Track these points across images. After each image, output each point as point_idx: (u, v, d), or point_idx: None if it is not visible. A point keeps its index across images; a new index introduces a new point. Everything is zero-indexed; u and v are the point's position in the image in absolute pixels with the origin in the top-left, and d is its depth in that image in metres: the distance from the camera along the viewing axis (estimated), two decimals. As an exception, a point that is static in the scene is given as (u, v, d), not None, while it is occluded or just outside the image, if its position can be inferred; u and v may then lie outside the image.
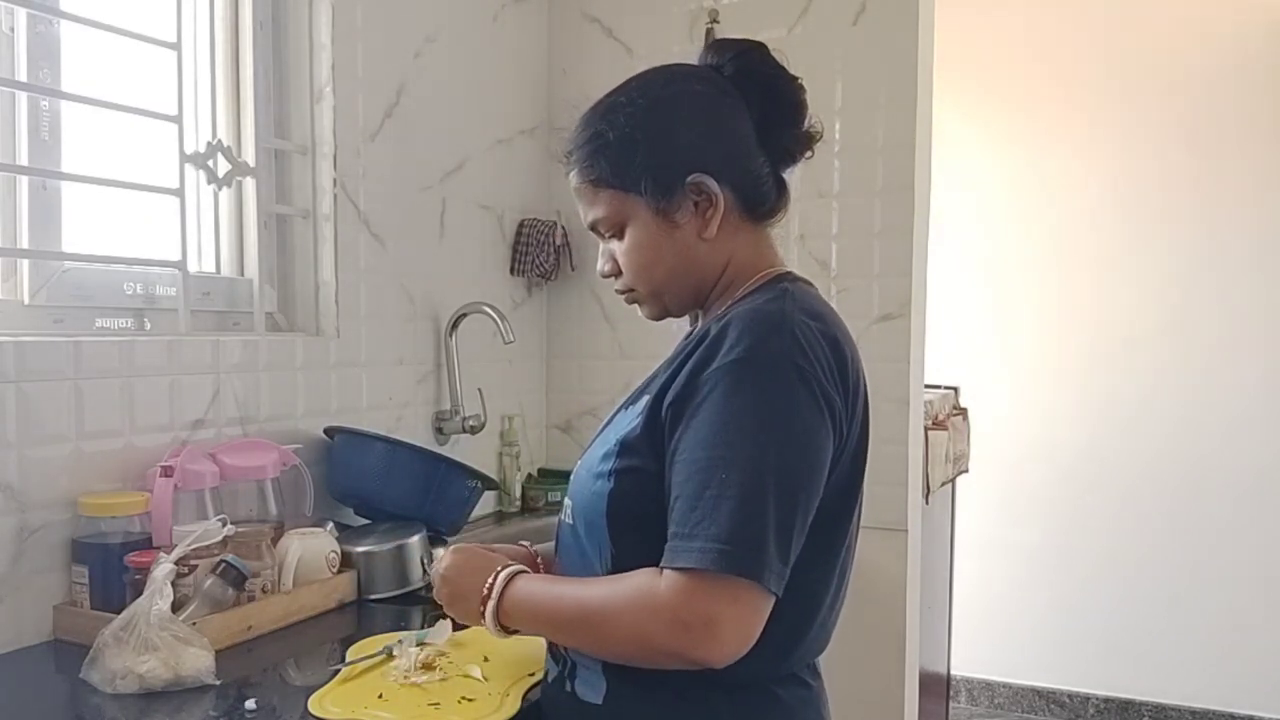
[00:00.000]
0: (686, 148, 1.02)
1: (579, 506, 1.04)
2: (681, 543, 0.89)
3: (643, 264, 1.05)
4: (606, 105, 1.06)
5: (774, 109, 1.05)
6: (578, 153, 1.06)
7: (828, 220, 2.12)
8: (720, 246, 1.05)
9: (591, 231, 1.10)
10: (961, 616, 3.18)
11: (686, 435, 0.93)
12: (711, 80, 1.05)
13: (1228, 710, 3.33)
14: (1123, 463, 3.43)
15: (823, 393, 0.93)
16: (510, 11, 2.25)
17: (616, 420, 1.06)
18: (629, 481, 0.98)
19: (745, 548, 0.87)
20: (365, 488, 1.69)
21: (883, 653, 2.06)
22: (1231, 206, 3.29)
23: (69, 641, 1.30)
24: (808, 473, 0.93)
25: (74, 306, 1.49)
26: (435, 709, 1.08)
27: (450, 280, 2.09)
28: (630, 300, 1.11)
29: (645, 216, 1.03)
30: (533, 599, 1.01)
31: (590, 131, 1.05)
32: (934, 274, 2.21)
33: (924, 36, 2.06)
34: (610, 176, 1.03)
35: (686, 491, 0.91)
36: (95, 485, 1.37)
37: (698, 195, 1.02)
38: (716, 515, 0.88)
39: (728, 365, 0.92)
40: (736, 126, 1.04)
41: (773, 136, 1.05)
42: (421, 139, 1.99)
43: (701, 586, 0.87)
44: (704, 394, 0.93)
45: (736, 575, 0.87)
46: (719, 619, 0.87)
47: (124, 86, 1.55)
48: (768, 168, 1.06)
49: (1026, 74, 3.51)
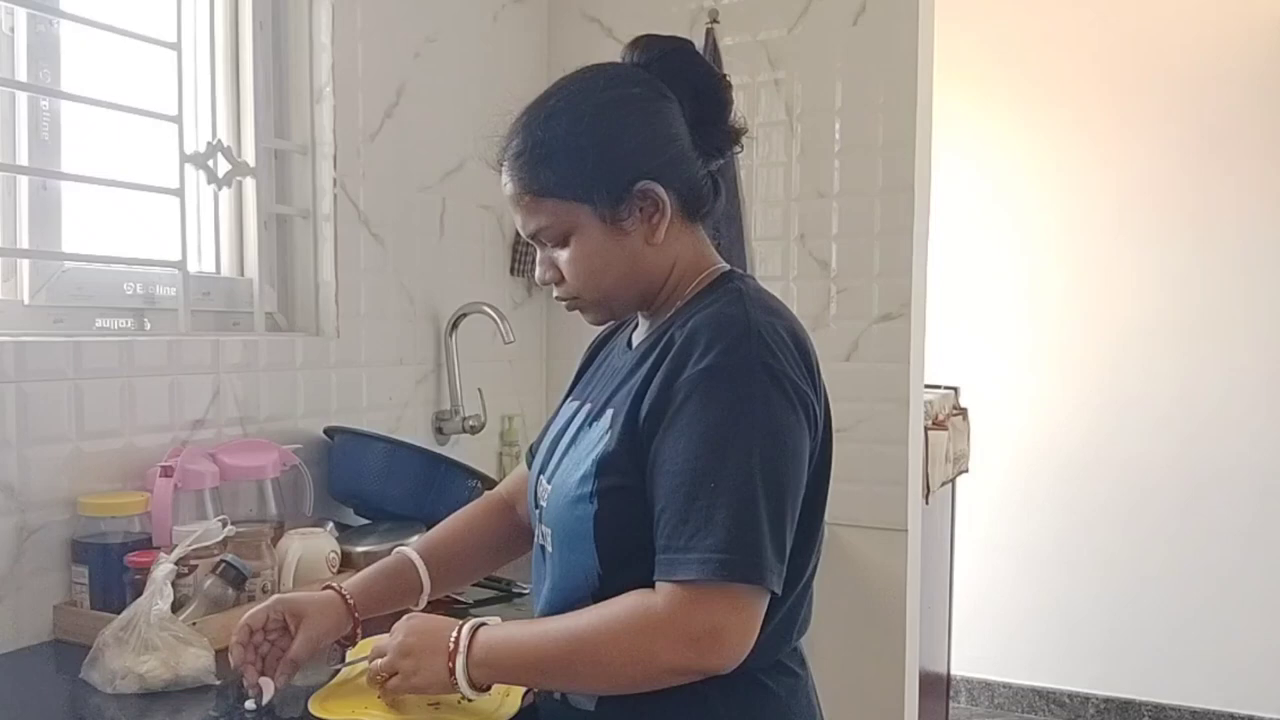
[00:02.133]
0: (632, 154, 1.00)
1: (560, 533, 1.02)
2: (677, 555, 0.89)
3: (590, 272, 1.03)
4: (545, 111, 1.03)
5: (704, 107, 1.04)
6: (515, 161, 1.02)
7: (828, 220, 2.12)
8: (666, 250, 1.04)
9: (531, 241, 1.07)
10: (961, 616, 3.18)
11: (665, 447, 0.93)
12: (646, 82, 1.04)
13: (1228, 710, 3.33)
14: (1123, 463, 3.43)
15: (795, 390, 0.94)
16: (510, 11, 2.25)
17: (582, 439, 1.03)
18: (613, 501, 0.97)
19: (744, 554, 0.87)
20: (365, 488, 1.69)
21: (883, 653, 2.06)
22: (1233, 206, 3.29)
23: (69, 641, 1.30)
24: (792, 471, 0.93)
25: (74, 306, 1.48)
26: (435, 709, 1.08)
27: (450, 280, 2.09)
28: (572, 307, 1.08)
29: (592, 225, 1.01)
30: (510, 643, 0.97)
31: (530, 140, 1.02)
32: (934, 274, 2.22)
33: (924, 36, 2.06)
34: (555, 186, 1.00)
35: (674, 503, 0.90)
36: (95, 485, 1.37)
37: (645, 202, 1.01)
38: (711, 525, 0.88)
39: (699, 373, 0.92)
40: (675, 129, 1.02)
41: (704, 135, 1.04)
42: (421, 139, 1.99)
43: (704, 598, 0.87)
44: (678, 403, 0.93)
45: (740, 582, 0.87)
46: (724, 627, 0.87)
47: (124, 86, 1.55)
48: (703, 167, 1.05)
49: (1027, 74, 3.51)
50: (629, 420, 0.97)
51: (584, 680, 0.97)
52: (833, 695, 1.11)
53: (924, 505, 2.25)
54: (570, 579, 1.01)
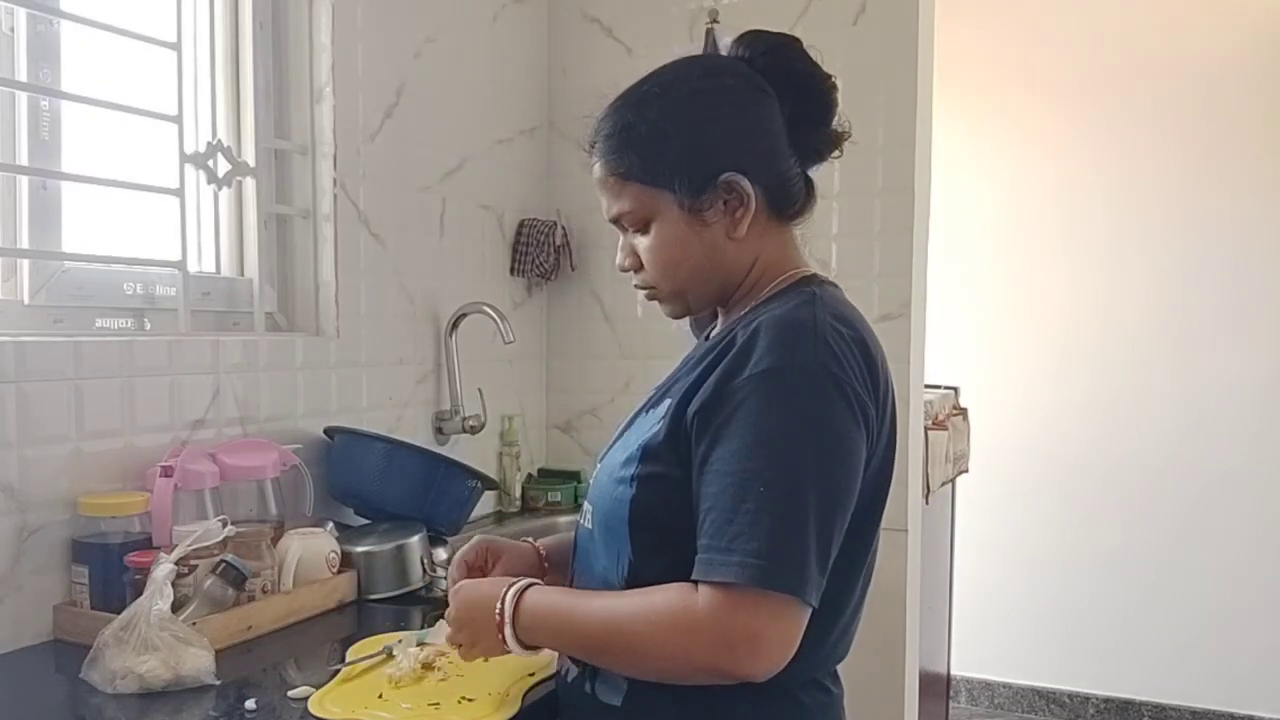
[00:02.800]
0: (720, 145, 0.99)
1: (599, 512, 1.02)
2: (718, 556, 0.87)
3: (668, 261, 1.02)
4: (638, 96, 1.02)
5: (805, 106, 1.03)
6: (604, 144, 1.02)
7: (828, 220, 2.12)
8: (747, 246, 1.02)
9: (613, 224, 1.06)
10: (961, 616, 3.18)
11: (719, 446, 0.91)
12: (744, 75, 1.02)
13: (1228, 710, 3.33)
14: (1123, 462, 3.43)
15: (857, 400, 0.92)
16: (510, 11, 2.25)
17: (637, 423, 1.03)
18: (651, 488, 0.96)
19: (786, 563, 0.85)
20: (365, 488, 1.69)
21: (883, 653, 2.06)
22: (1232, 206, 3.29)
23: (69, 641, 1.30)
24: (845, 483, 0.91)
25: (74, 306, 1.48)
26: (435, 709, 1.08)
27: (450, 280, 2.09)
28: (651, 297, 1.08)
29: (673, 213, 1.00)
30: (553, 613, 0.98)
31: (620, 123, 1.01)
32: (934, 274, 2.21)
33: (924, 36, 2.06)
34: (640, 171, 1.00)
35: (721, 504, 0.88)
36: (95, 485, 1.37)
37: (729, 194, 1.00)
38: (756, 530, 0.86)
39: (760, 375, 0.90)
40: (769, 124, 1.01)
41: (802, 134, 1.03)
42: (421, 139, 1.99)
43: (743, 603, 0.85)
44: (735, 404, 0.91)
45: (778, 591, 0.85)
46: (762, 635, 0.85)
47: (124, 86, 1.55)
48: (797, 167, 1.03)
49: (1027, 73, 3.51)
50: (678, 411, 0.96)
51: (619, 664, 0.97)
52: (832, 695, 1.11)
53: (924, 505, 2.25)
54: (603, 559, 1.01)
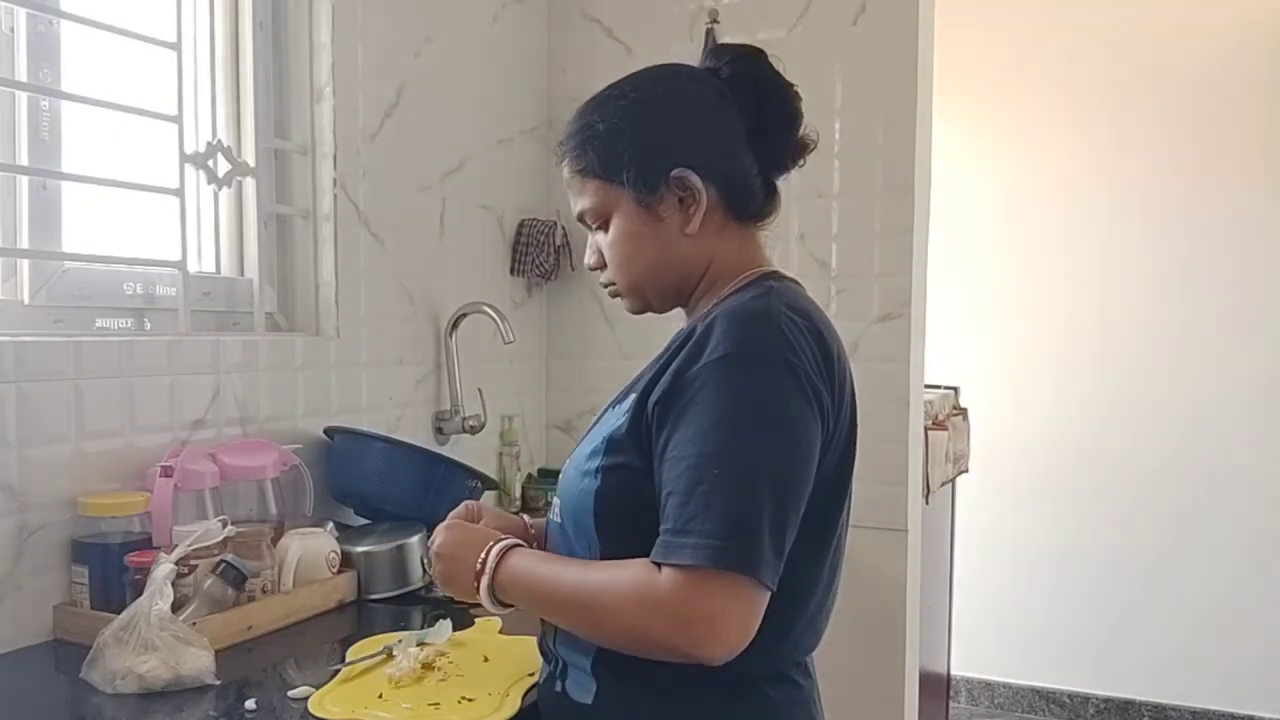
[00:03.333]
0: (672, 141, 1.03)
1: (567, 505, 1.05)
2: (675, 538, 0.89)
3: (625, 256, 1.06)
4: (601, 98, 1.08)
5: (768, 114, 1.06)
6: (568, 143, 1.08)
7: (828, 220, 2.12)
8: (703, 244, 1.05)
9: (579, 222, 1.11)
10: (961, 616, 3.18)
11: (676, 433, 0.93)
12: (706, 81, 1.07)
13: (1228, 710, 3.33)
14: (1123, 462, 3.43)
15: (810, 386, 0.94)
16: (510, 11, 2.25)
17: (605, 418, 1.06)
18: (615, 479, 0.98)
19: (740, 543, 0.87)
20: (365, 488, 1.69)
21: (883, 653, 2.06)
22: (1233, 206, 3.29)
23: (69, 641, 1.30)
24: (799, 466, 0.93)
25: (74, 306, 1.49)
26: (435, 709, 1.08)
27: (450, 280, 2.09)
28: (613, 294, 1.12)
29: (629, 208, 1.04)
30: (529, 576, 1.00)
31: (582, 123, 1.07)
32: (934, 274, 2.21)
33: (924, 36, 2.06)
34: (596, 167, 1.05)
35: (679, 488, 0.91)
36: (95, 485, 1.37)
37: (681, 190, 1.03)
38: (710, 512, 0.88)
39: (715, 362, 0.93)
40: (726, 126, 1.05)
41: (764, 141, 1.06)
42: (421, 139, 1.99)
43: (701, 584, 0.87)
44: (692, 392, 0.93)
45: (733, 571, 0.87)
46: (720, 616, 0.87)
47: (124, 86, 1.55)
48: (756, 170, 1.06)
49: (1027, 74, 3.51)
50: (640, 403, 0.98)
51: (585, 633, 0.98)
52: (833, 695, 1.11)
53: (924, 505, 2.25)
54: (571, 553, 1.03)
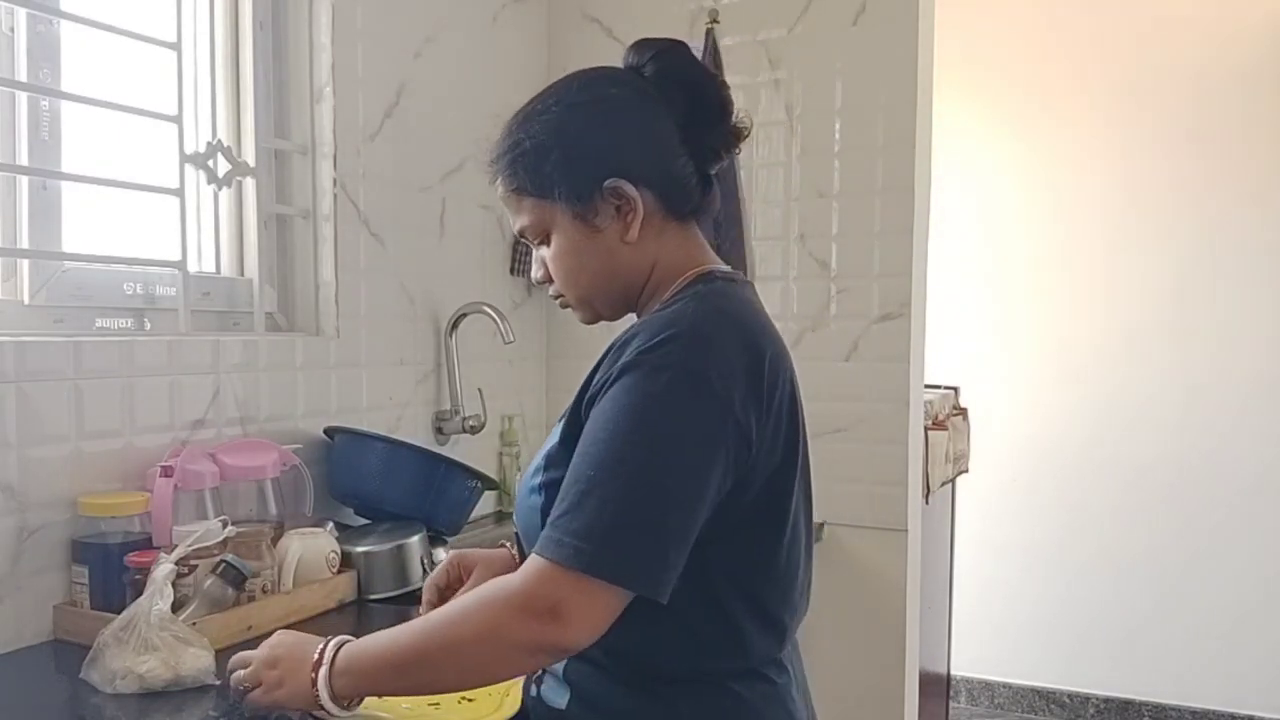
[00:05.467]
0: (601, 152, 1.01)
1: (520, 524, 1.05)
2: (547, 533, 0.90)
3: (568, 269, 1.05)
4: (525, 113, 1.06)
5: (696, 108, 1.04)
6: (499, 161, 1.06)
7: (828, 220, 2.12)
8: (644, 249, 1.03)
9: (521, 239, 1.10)
10: (961, 616, 3.18)
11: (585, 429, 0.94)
12: (629, 83, 1.05)
13: (1228, 710, 3.33)
14: (1123, 462, 3.43)
15: (715, 396, 0.91)
16: (510, 11, 2.25)
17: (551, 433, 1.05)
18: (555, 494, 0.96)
19: (600, 546, 0.87)
20: (365, 488, 1.69)
21: (883, 653, 2.06)
22: (1234, 206, 3.29)
23: (69, 641, 1.30)
24: (683, 476, 0.90)
25: (74, 306, 1.48)
26: (435, 709, 1.08)
27: (450, 280, 2.09)
28: (563, 305, 1.10)
29: (566, 223, 1.03)
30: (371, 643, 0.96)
31: (510, 141, 1.05)
32: (934, 274, 2.21)
33: (924, 36, 2.06)
34: (529, 185, 1.03)
35: (566, 484, 0.91)
36: (95, 485, 1.37)
37: (617, 199, 1.01)
38: (578, 512, 0.88)
39: (620, 368, 0.93)
40: (654, 127, 1.03)
41: (696, 135, 1.04)
42: (421, 139, 1.99)
43: (551, 574, 0.88)
44: (601, 397, 0.94)
45: (587, 574, 0.87)
46: (564, 605, 0.87)
47: (124, 86, 1.55)
48: (691, 167, 1.04)
49: (1028, 73, 3.51)
50: (573, 415, 0.98)
51: (441, 670, 0.93)
52: (833, 695, 1.11)
53: (924, 505, 2.25)
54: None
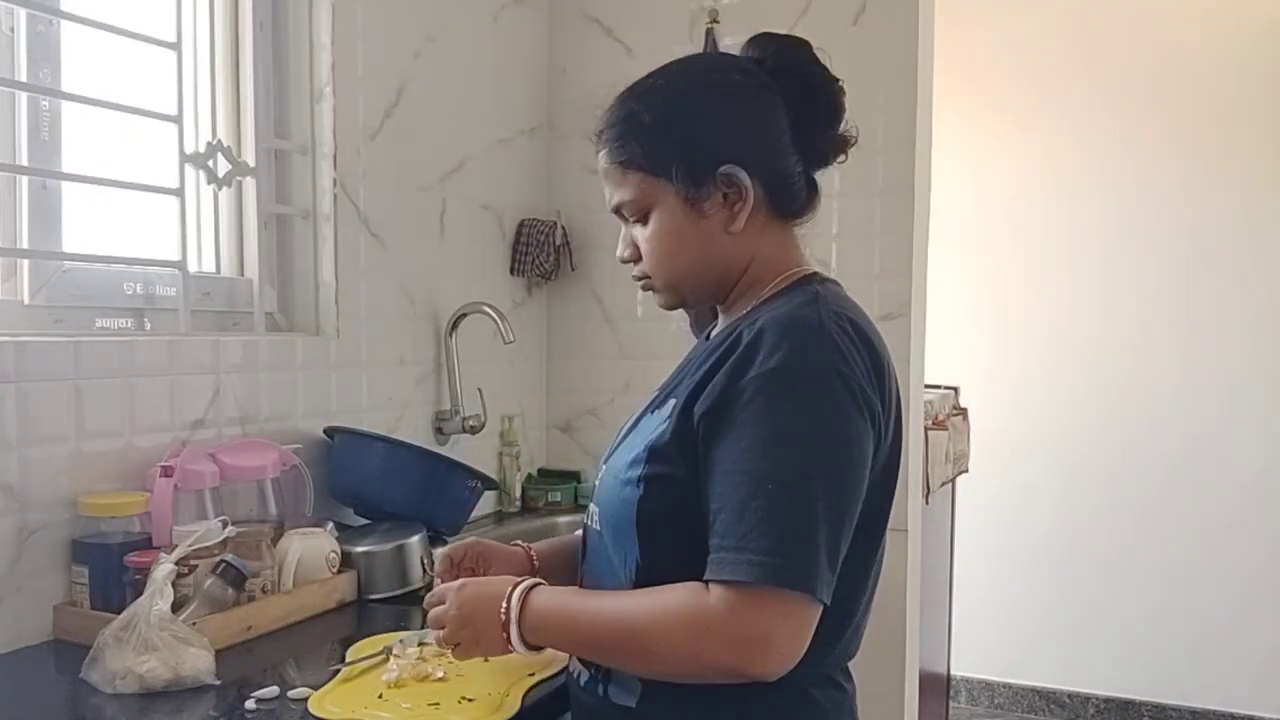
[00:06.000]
0: (721, 137, 1.00)
1: (606, 514, 1.02)
2: (729, 555, 0.87)
3: (665, 252, 1.03)
4: (644, 87, 1.04)
5: (811, 108, 1.03)
6: (609, 132, 1.04)
7: (828, 220, 2.12)
8: (745, 242, 1.03)
9: (615, 214, 1.07)
10: (961, 616, 3.18)
11: (727, 446, 0.91)
12: (751, 72, 1.04)
13: (1228, 710, 3.33)
14: (1123, 462, 3.43)
15: (864, 398, 0.92)
16: (510, 11, 2.25)
17: (642, 424, 1.04)
18: (659, 488, 0.96)
19: (796, 560, 0.86)
20: (365, 488, 1.69)
21: (883, 653, 2.06)
22: (1235, 206, 3.29)
23: (69, 641, 1.29)
24: (853, 481, 0.92)
25: (74, 306, 1.48)
26: (435, 709, 1.08)
27: (450, 280, 2.09)
28: (646, 288, 1.09)
29: (672, 203, 1.01)
30: (563, 615, 0.98)
31: (624, 112, 1.03)
32: (934, 274, 2.21)
33: (924, 36, 2.06)
34: (641, 159, 1.01)
35: (730, 503, 0.89)
36: (95, 485, 1.36)
37: (728, 187, 1.00)
38: (766, 528, 0.86)
39: (767, 374, 0.90)
40: (772, 122, 1.02)
41: (807, 136, 1.04)
42: (421, 139, 1.99)
43: (755, 602, 0.86)
44: (743, 403, 0.91)
45: (788, 589, 0.86)
46: (773, 634, 0.86)
47: (124, 86, 1.55)
48: (800, 167, 1.04)
49: (1028, 73, 3.51)
50: (685, 411, 0.96)
51: (629, 664, 0.97)
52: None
53: (924, 505, 2.25)
54: (610, 561, 1.02)
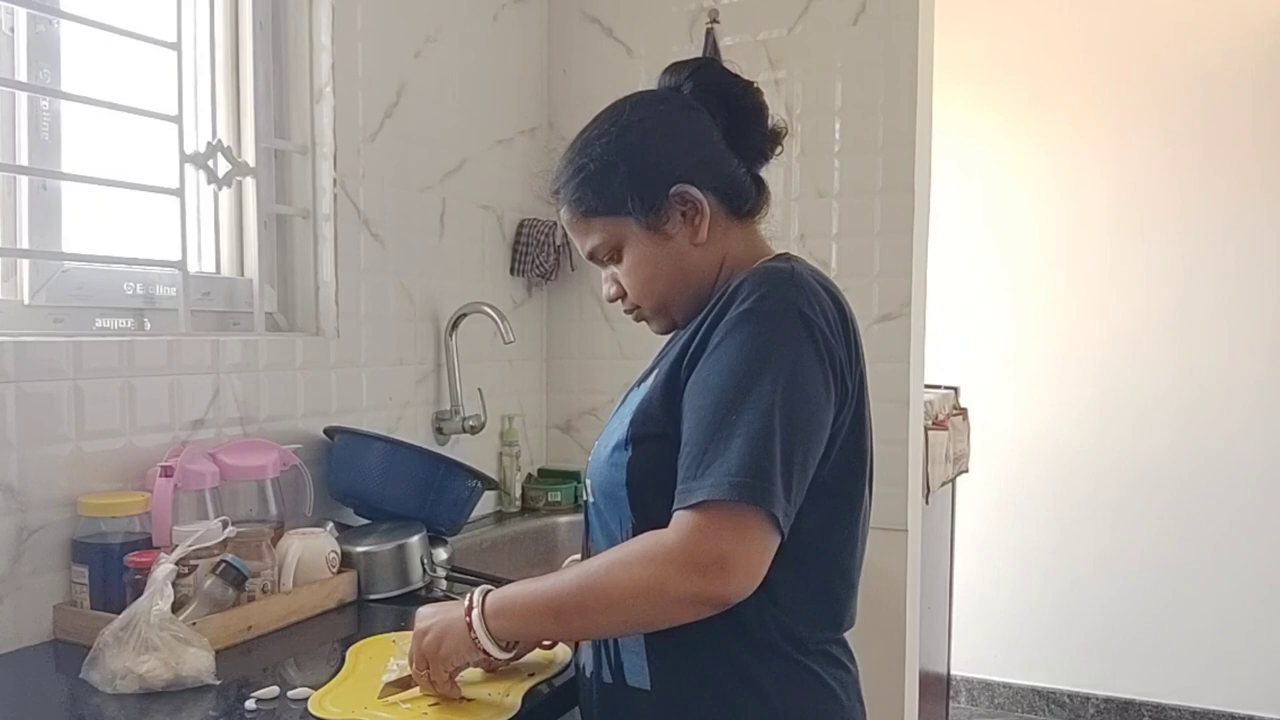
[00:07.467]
0: (663, 162, 1.07)
1: (598, 482, 1.07)
2: (693, 483, 0.92)
3: (644, 279, 1.10)
4: (583, 141, 1.11)
5: (736, 113, 1.10)
6: (564, 190, 1.11)
7: (828, 220, 2.12)
8: (713, 248, 1.09)
9: (591, 261, 1.14)
10: (961, 616, 3.18)
11: (694, 384, 0.97)
12: (673, 99, 1.11)
13: (1228, 710, 3.33)
14: (1123, 462, 3.43)
15: (825, 343, 0.98)
16: (510, 11, 2.25)
17: (630, 399, 1.09)
18: (648, 448, 1.01)
19: (754, 477, 0.90)
20: (365, 488, 1.69)
21: (883, 653, 2.06)
22: (1236, 207, 3.29)
23: (69, 641, 1.30)
24: (810, 417, 0.96)
25: (74, 306, 1.48)
26: (435, 709, 1.08)
27: (450, 280, 2.09)
28: (638, 318, 1.15)
29: (638, 234, 1.08)
30: (525, 590, 1.01)
31: (573, 167, 1.10)
32: (934, 274, 2.21)
33: (924, 36, 2.06)
34: (598, 204, 1.08)
35: (696, 436, 0.94)
36: (95, 485, 1.37)
37: (683, 204, 1.07)
38: (726, 454, 0.91)
39: (736, 316, 0.97)
40: (705, 135, 1.09)
41: (740, 139, 1.10)
42: (421, 139, 1.99)
43: (711, 524, 0.90)
44: (715, 344, 0.98)
45: (746, 503, 0.89)
46: (732, 555, 0.90)
47: (124, 86, 1.55)
48: (743, 169, 1.11)
49: (1029, 72, 3.51)
50: (673, 368, 1.02)
51: (597, 617, 0.97)
52: (833, 695, 1.11)
53: (924, 505, 2.25)
54: (607, 530, 1.06)
